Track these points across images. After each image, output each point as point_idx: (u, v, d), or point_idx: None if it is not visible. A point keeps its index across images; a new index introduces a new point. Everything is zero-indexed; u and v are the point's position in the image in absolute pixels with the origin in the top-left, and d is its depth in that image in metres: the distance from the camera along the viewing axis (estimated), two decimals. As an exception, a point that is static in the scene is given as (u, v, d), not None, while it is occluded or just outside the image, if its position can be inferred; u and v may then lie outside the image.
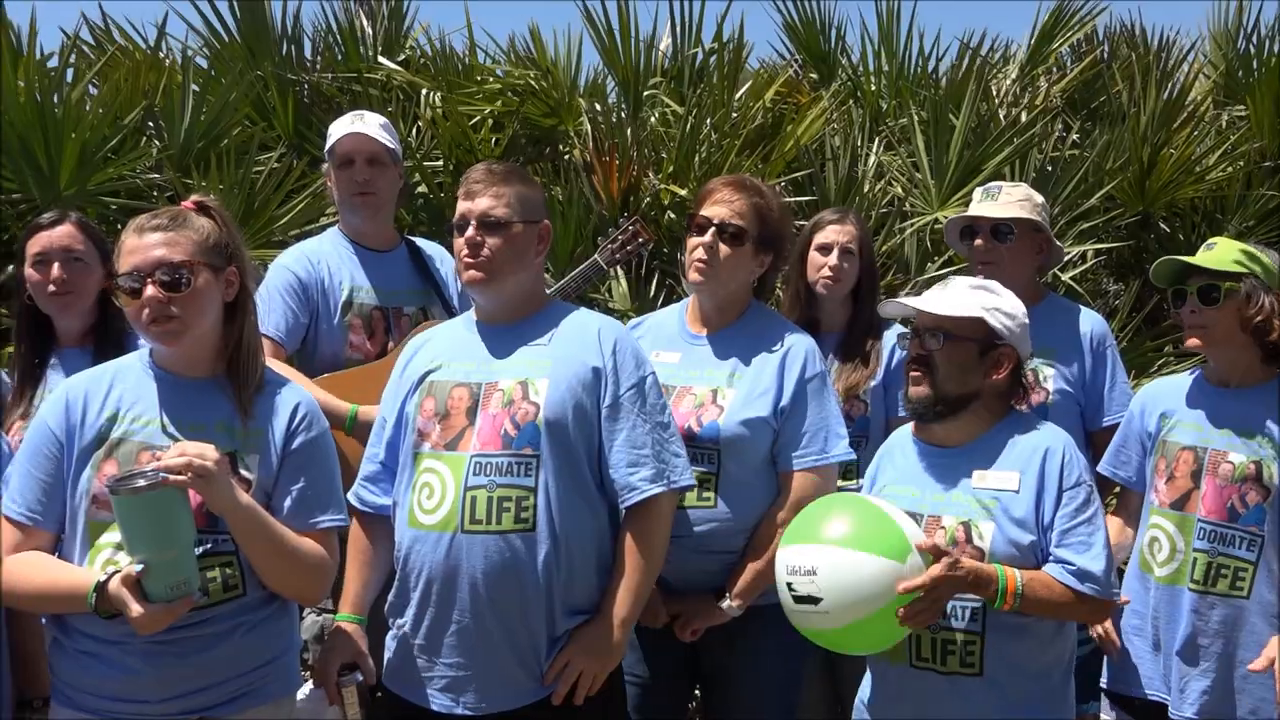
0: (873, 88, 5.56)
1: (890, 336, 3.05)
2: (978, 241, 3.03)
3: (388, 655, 2.28)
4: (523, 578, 2.15)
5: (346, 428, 2.81)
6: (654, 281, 4.52)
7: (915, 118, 4.92)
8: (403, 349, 2.47)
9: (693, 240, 2.55)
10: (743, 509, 2.49)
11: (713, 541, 2.48)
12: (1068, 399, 2.94)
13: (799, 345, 2.56)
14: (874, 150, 4.93)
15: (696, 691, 2.72)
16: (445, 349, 2.33)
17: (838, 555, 2.08)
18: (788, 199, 4.71)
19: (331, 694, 2.22)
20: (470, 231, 2.24)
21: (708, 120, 4.81)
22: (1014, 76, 5.50)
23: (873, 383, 2.99)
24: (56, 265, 2.61)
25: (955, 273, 4.14)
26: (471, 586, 2.15)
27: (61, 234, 2.64)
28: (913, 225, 4.62)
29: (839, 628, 2.10)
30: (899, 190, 4.84)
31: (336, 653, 2.23)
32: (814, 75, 5.75)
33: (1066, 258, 4.36)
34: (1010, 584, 2.12)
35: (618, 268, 4.39)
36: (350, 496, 2.30)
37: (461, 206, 2.27)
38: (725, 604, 2.48)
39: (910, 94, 5.30)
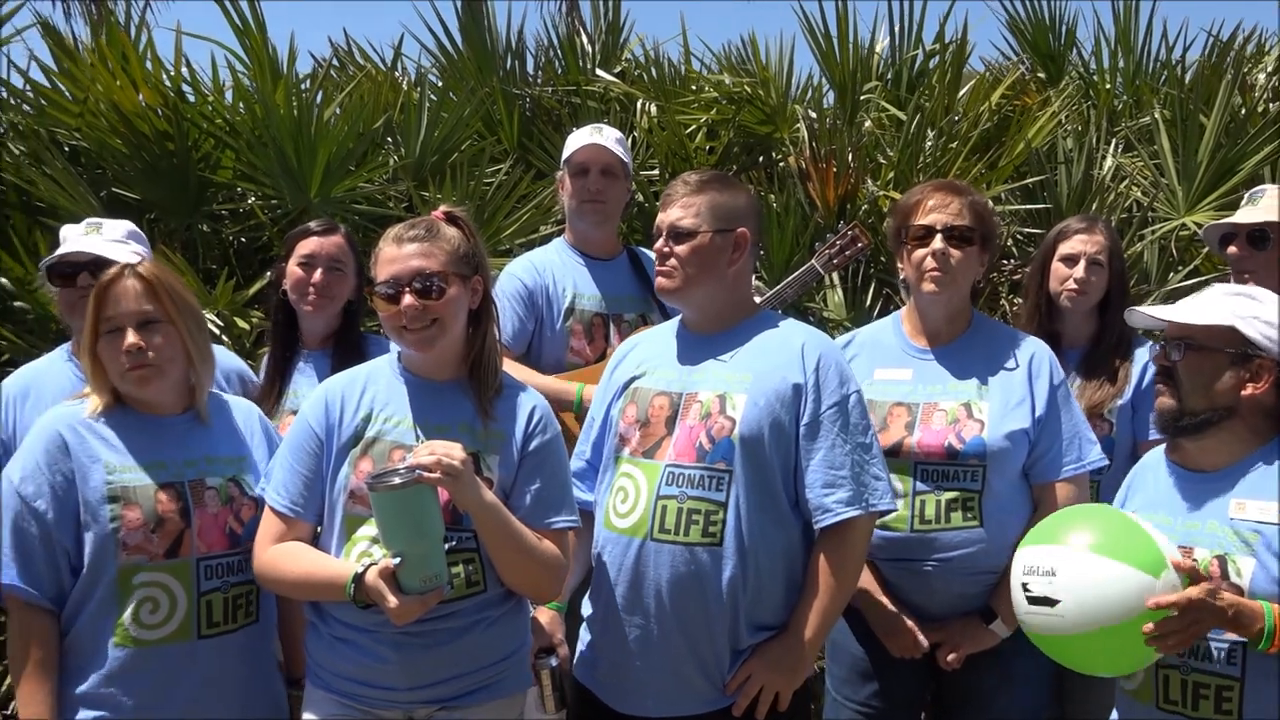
0: (1107, 86, 5.24)
1: (1142, 353, 2.86)
2: (1231, 248, 2.87)
3: (580, 648, 2.33)
4: (706, 591, 2.14)
5: (575, 407, 2.92)
6: (870, 290, 4.41)
7: (1160, 117, 4.60)
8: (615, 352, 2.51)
9: (918, 252, 2.47)
10: (1004, 526, 2.40)
11: (979, 563, 2.41)
12: None
13: (1040, 352, 2.49)
14: (1110, 152, 4.64)
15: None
16: (651, 355, 2.35)
17: (1082, 558, 1.96)
18: (1016, 205, 4.52)
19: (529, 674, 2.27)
20: (659, 242, 2.26)
21: (929, 125, 4.66)
22: (1271, 69, 5.05)
23: (1120, 401, 2.81)
24: (320, 271, 2.81)
25: (1205, 282, 3.84)
26: (656, 594, 2.16)
27: (331, 244, 2.85)
28: (1157, 231, 4.31)
29: (1072, 634, 1.96)
30: (1139, 194, 4.53)
31: (535, 637, 2.28)
32: (1041, 75, 5.49)
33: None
34: None
35: (834, 275, 4.32)
36: None
37: (658, 217, 2.30)
38: (995, 626, 2.39)
39: (1150, 91, 4.96)
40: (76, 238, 2.70)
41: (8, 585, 2.04)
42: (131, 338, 2.08)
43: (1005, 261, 4.38)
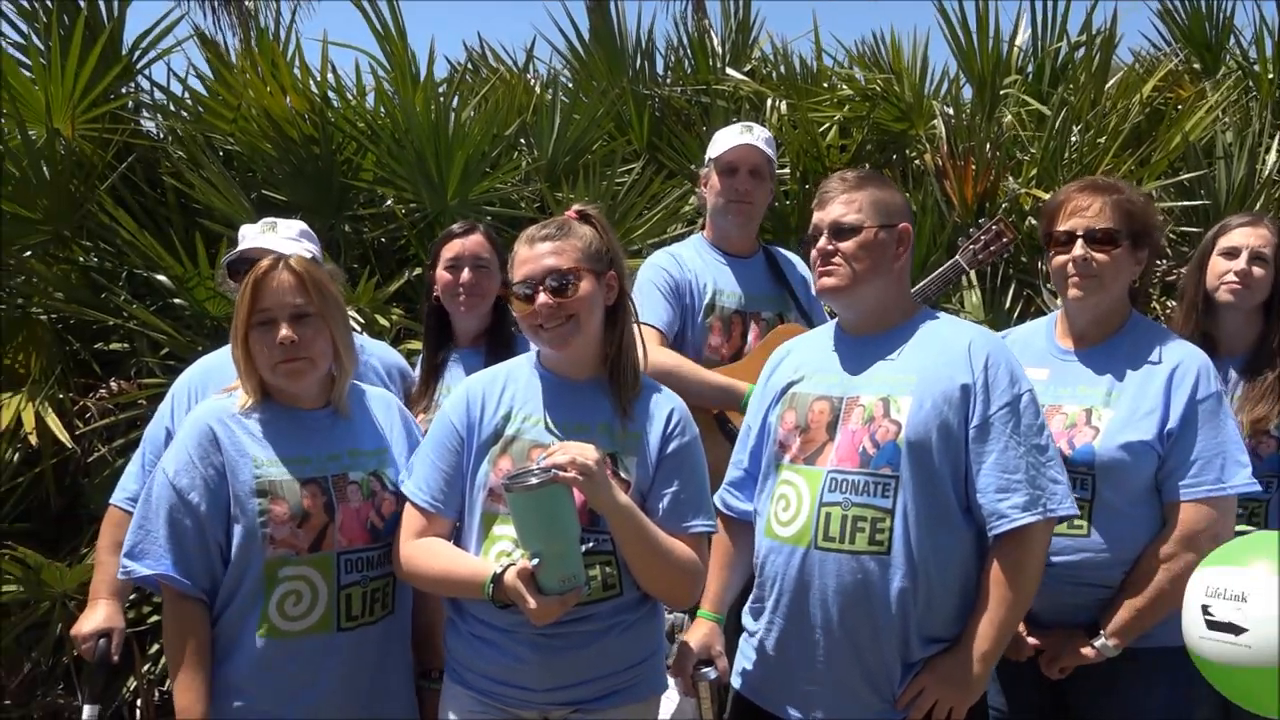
0: (1270, 76, 4.94)
1: None
2: None
3: (742, 659, 2.29)
4: (875, 602, 2.07)
5: (741, 406, 2.86)
6: (1010, 291, 4.26)
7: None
8: (767, 355, 2.45)
9: (1059, 258, 2.37)
10: (1120, 541, 2.27)
11: (1083, 573, 2.29)
12: None
13: (1190, 361, 2.32)
14: (1275, 146, 4.37)
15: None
16: (808, 360, 2.29)
17: None
18: (1171, 203, 4.30)
19: (687, 685, 2.25)
20: (822, 241, 2.20)
21: (1075, 120, 4.47)
22: None
23: (1288, 415, 2.62)
24: (466, 270, 2.89)
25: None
26: (822, 604, 2.10)
27: (473, 243, 2.92)
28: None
29: (1256, 667, 1.83)
30: (1308, 192, 4.26)
31: (693, 649, 2.25)
32: (1196, 66, 5.21)
33: None
34: None
35: (973, 275, 4.19)
36: (715, 500, 2.31)
37: (815, 216, 2.24)
38: (1100, 643, 2.27)
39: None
40: (254, 236, 2.83)
41: (163, 575, 2.10)
42: (285, 330, 2.13)
43: (1158, 262, 4.18)
